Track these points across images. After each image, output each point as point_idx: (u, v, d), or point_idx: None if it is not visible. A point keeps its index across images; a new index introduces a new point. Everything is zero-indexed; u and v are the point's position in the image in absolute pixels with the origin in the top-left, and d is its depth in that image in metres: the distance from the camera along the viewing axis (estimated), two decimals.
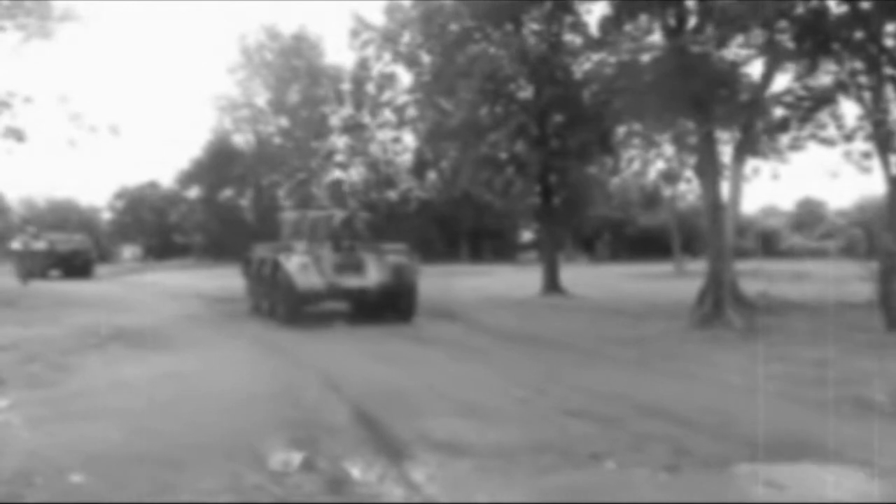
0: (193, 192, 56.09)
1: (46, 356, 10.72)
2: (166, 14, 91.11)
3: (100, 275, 37.51)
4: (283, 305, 15.82)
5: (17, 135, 20.10)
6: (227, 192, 54.53)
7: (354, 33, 43.74)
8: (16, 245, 37.60)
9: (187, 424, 6.85)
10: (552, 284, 24.69)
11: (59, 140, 26.93)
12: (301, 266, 15.36)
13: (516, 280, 30.81)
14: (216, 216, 52.83)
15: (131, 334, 13.35)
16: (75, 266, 36.01)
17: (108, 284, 31.18)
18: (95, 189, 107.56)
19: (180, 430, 6.64)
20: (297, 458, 5.77)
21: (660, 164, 23.81)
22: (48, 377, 9.28)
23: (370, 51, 44.72)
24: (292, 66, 51.88)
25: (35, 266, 33.95)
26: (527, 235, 58.86)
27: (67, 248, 36.82)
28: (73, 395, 8.24)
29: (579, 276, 31.28)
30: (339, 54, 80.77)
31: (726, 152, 17.95)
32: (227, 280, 25.46)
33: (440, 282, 25.61)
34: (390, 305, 16.25)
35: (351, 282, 15.72)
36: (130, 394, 8.33)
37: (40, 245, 36.14)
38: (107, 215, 62.88)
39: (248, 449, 6.01)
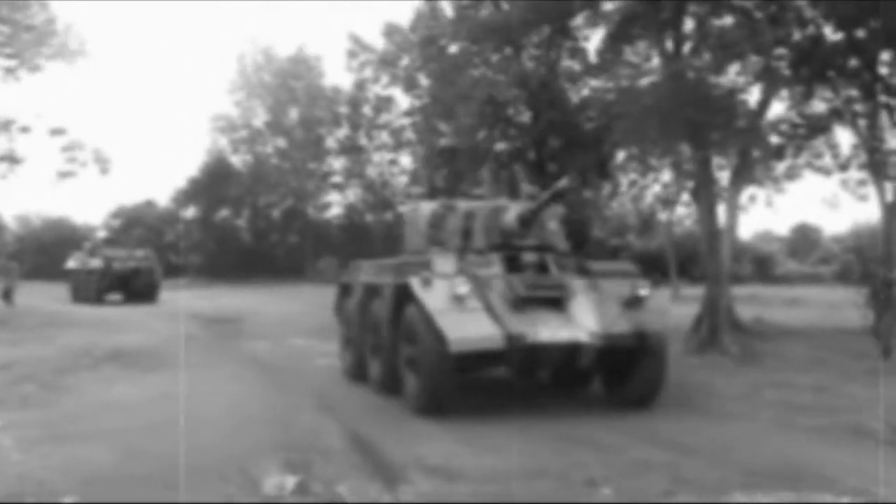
0: (190, 212, 56.05)
1: (39, 377, 10.67)
2: (164, 33, 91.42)
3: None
4: (420, 377, 8.24)
5: (12, 159, 20.10)
6: (224, 213, 54.49)
7: (352, 54, 43.99)
8: (71, 264, 32.88)
9: (181, 446, 6.80)
10: None
11: (54, 163, 26.76)
12: (453, 300, 8.08)
13: None
14: (212, 236, 52.75)
15: (125, 355, 13.29)
16: (136, 288, 30.33)
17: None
18: (92, 208, 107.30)
19: (174, 451, 6.60)
20: (290, 481, 5.73)
21: (657, 189, 23.92)
22: (41, 398, 9.23)
23: (367, 73, 45.05)
24: (290, 87, 52.06)
25: (90, 288, 30.06)
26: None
27: (126, 267, 30.59)
28: (66, 416, 8.20)
29: None
30: (338, 75, 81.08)
31: (724, 177, 18.03)
32: (224, 300, 25.44)
33: None
34: (615, 377, 8.97)
35: (550, 332, 8.16)
36: (124, 415, 8.29)
37: (96, 263, 30.56)
38: (102, 234, 62.76)
39: (242, 472, 5.97)
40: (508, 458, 6.54)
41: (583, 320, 8.29)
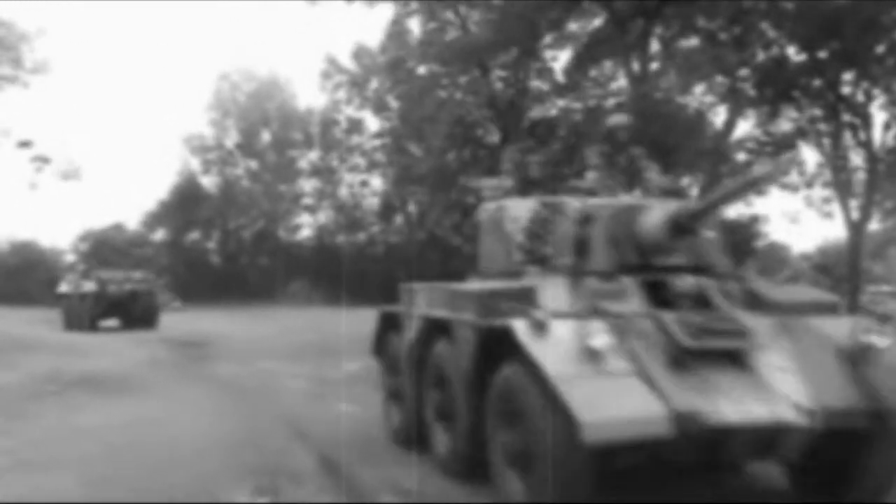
0: (159, 235, 55.66)
1: (3, 404, 10.51)
2: (131, 53, 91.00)
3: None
4: (532, 479, 5.15)
5: None
6: (194, 235, 54.19)
7: (326, 75, 44.11)
8: (63, 288, 30.60)
9: (148, 472, 6.73)
10: None
11: (21, 182, 26.70)
12: (584, 358, 4.92)
13: None
14: (182, 259, 52.40)
15: (92, 380, 13.12)
16: (134, 313, 27.93)
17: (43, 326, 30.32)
18: (59, 231, 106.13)
19: (140, 478, 6.52)
20: None
21: None
22: (4, 426, 9.08)
23: (341, 94, 45.20)
24: (263, 108, 52.09)
25: (83, 313, 27.72)
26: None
27: (122, 290, 28.14)
28: (30, 443, 8.07)
29: None
30: (312, 97, 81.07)
31: (693, 193, 18.22)
32: (194, 324, 25.24)
33: None
34: (821, 469, 5.68)
35: (738, 407, 4.98)
36: (90, 442, 8.17)
37: (90, 286, 28.12)
38: (70, 258, 62.13)
39: (210, 496, 5.92)
40: None
41: (782, 387, 5.15)
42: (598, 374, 4.80)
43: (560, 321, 5.07)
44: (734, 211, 21.51)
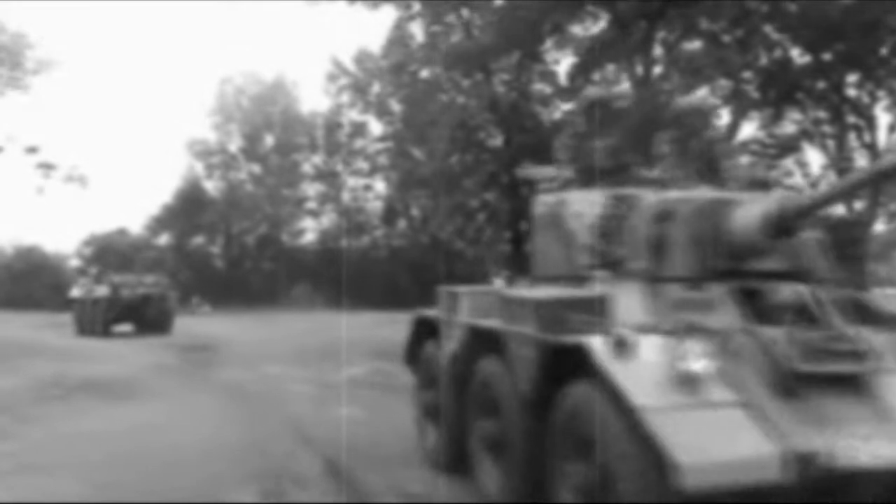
0: (163, 239, 55.75)
1: (8, 407, 10.51)
2: (134, 58, 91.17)
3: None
4: None
5: None
6: (198, 240, 54.26)
7: (331, 77, 44.13)
8: (75, 292, 29.87)
9: (152, 476, 6.72)
10: None
11: (27, 187, 26.73)
12: (679, 384, 3.93)
13: None
14: (186, 264, 52.48)
15: (97, 384, 13.12)
16: (148, 317, 27.20)
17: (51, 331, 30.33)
18: (64, 236, 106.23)
19: (144, 482, 6.52)
20: None
21: None
22: (9, 429, 9.08)
23: (345, 97, 45.24)
24: (267, 112, 52.18)
25: (96, 318, 26.91)
26: (498, 282, 58.99)
27: (136, 295, 27.37)
28: (35, 447, 8.08)
29: None
30: (316, 100, 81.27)
31: None
32: (198, 328, 25.30)
33: None
34: None
35: (867, 445, 3.87)
36: (93, 446, 8.17)
37: (102, 291, 27.41)
38: (74, 262, 62.22)
39: (215, 500, 5.91)
40: None
41: None
42: (698, 405, 3.91)
43: (650, 340, 4.16)
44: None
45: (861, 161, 17.93)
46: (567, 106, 23.92)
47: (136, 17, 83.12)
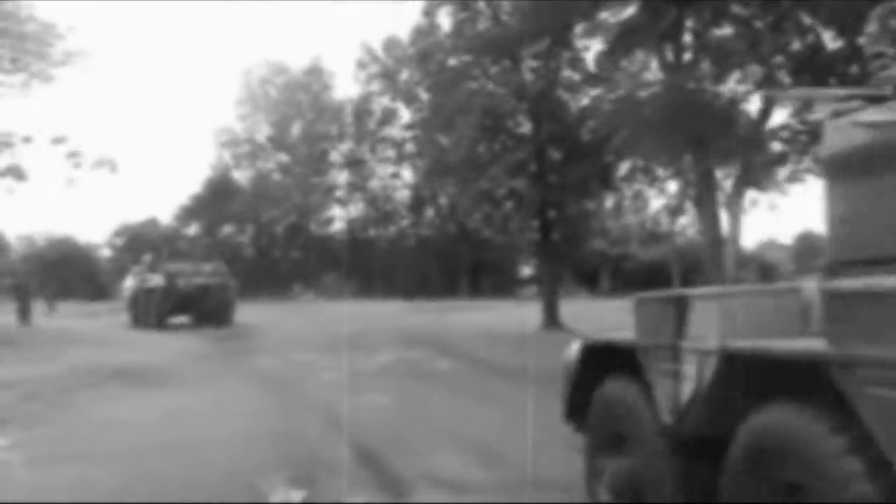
0: (193, 229, 56.17)
1: (46, 395, 10.67)
2: (164, 48, 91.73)
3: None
4: None
5: (17, 173, 20.15)
6: (227, 229, 54.59)
7: (361, 64, 44.06)
8: (128, 282, 28.06)
9: (187, 465, 6.78)
10: (552, 320, 24.58)
11: (58, 179, 26.80)
12: None
13: (515, 315, 30.68)
14: (216, 253, 52.88)
15: (131, 372, 13.28)
16: (206, 309, 25.11)
17: (108, 320, 30.63)
18: (95, 226, 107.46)
19: (181, 471, 6.58)
20: (297, 496, 5.72)
21: (661, 200, 23.93)
22: (47, 416, 9.22)
23: (375, 85, 45.20)
24: (296, 101, 52.25)
25: (150, 310, 25.23)
26: (526, 270, 58.84)
27: (192, 285, 25.28)
28: (72, 435, 8.19)
29: (580, 310, 31.17)
30: (345, 89, 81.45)
31: (728, 184, 18.06)
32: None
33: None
34: None
35: None
36: (129, 434, 8.27)
37: (157, 281, 25.56)
38: (106, 252, 62.86)
39: (245, 486, 5.96)
40: None
41: None
42: None
43: None
44: None
45: None
46: (595, 92, 23.76)
47: (166, 6, 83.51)
